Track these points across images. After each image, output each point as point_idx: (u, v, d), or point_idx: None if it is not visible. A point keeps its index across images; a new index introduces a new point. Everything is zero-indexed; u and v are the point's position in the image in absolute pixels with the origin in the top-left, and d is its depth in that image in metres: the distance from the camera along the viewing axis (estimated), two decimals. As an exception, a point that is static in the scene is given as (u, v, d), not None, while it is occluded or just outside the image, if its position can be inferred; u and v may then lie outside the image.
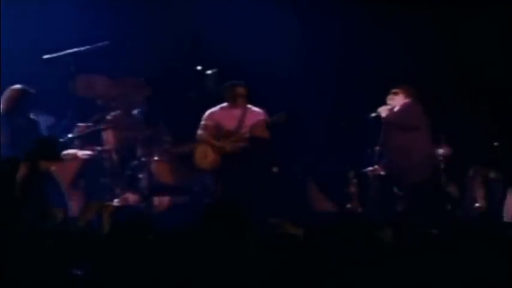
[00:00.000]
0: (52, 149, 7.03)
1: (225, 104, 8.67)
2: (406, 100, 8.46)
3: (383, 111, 8.47)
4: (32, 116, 7.88)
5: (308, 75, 9.60)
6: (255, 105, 8.61)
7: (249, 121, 8.47)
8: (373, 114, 8.53)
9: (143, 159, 8.92)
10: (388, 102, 8.52)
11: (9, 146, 7.58)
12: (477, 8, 9.34)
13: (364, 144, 8.95)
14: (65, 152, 8.13)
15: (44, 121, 8.21)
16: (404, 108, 8.46)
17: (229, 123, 8.58)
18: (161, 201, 8.84)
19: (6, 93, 7.82)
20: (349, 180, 8.90)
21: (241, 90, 8.57)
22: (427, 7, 9.39)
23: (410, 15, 9.39)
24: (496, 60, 9.27)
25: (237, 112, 8.58)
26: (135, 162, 8.96)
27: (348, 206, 8.85)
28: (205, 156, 8.58)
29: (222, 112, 8.65)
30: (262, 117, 8.57)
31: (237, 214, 6.10)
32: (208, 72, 9.20)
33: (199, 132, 8.64)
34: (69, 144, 8.23)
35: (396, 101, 8.50)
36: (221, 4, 9.58)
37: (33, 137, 7.57)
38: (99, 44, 8.63)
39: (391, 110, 8.50)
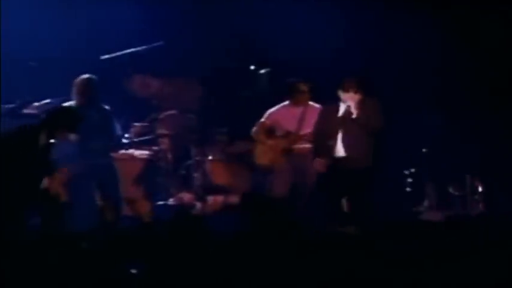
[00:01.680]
0: (71, 119, 6.84)
1: (286, 103, 8.71)
2: (361, 96, 7.84)
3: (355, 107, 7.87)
4: (105, 106, 7.90)
5: (361, 73, 9.73)
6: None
7: (311, 119, 8.44)
8: None
9: (197, 158, 9.13)
10: (344, 96, 7.83)
11: (82, 141, 7.54)
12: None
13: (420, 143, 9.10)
14: (122, 152, 8.47)
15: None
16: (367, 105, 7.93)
17: (289, 123, 8.63)
18: (215, 200, 9.00)
19: (75, 85, 7.82)
20: (405, 180, 9.06)
21: (303, 87, 8.60)
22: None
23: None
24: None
25: (297, 111, 8.60)
26: (190, 161, 9.16)
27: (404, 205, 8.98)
28: (264, 153, 8.70)
29: (282, 111, 8.70)
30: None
31: (285, 213, 6.29)
32: (262, 71, 9.33)
33: (254, 128, 8.74)
34: (129, 145, 8.52)
35: (351, 97, 7.81)
36: (274, 3, 9.73)
37: (106, 129, 7.71)
38: (154, 44, 8.83)
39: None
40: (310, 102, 8.66)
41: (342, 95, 7.78)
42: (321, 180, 7.84)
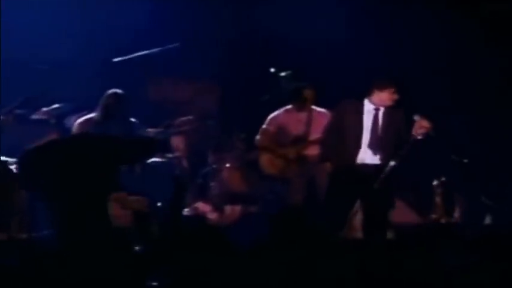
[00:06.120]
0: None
1: (289, 107, 8.92)
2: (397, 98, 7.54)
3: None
4: (131, 120, 8.11)
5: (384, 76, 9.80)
6: (330, 107, 8.57)
7: (317, 124, 8.61)
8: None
9: (215, 166, 9.25)
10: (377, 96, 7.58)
11: None
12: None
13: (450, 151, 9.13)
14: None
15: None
16: None
17: (296, 128, 8.83)
18: (233, 210, 9.11)
19: (102, 98, 8.08)
20: (434, 189, 9.09)
21: (309, 92, 8.83)
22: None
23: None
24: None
25: (302, 115, 8.82)
26: (207, 169, 9.29)
27: (433, 216, 9.06)
28: (272, 162, 8.91)
29: (286, 116, 8.92)
30: (329, 118, 8.46)
31: (304, 222, 6.40)
32: (282, 74, 9.41)
33: (257, 137, 8.92)
34: None
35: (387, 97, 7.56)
36: (295, 4, 9.91)
37: None
38: (170, 46, 8.90)
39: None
40: (313, 106, 8.81)
41: (377, 94, 7.52)
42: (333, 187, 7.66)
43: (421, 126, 7.45)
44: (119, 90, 8.11)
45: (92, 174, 6.66)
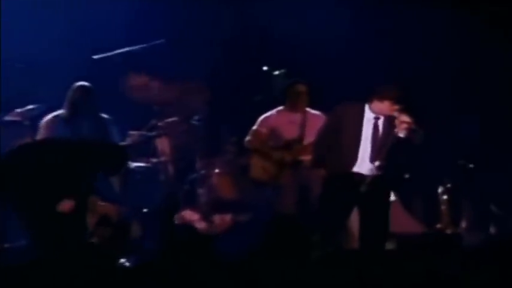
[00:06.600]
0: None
1: (281, 108, 8.76)
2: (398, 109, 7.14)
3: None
4: (102, 115, 8.04)
5: (382, 78, 9.28)
6: (326, 109, 8.43)
7: (311, 127, 8.41)
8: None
9: (203, 171, 9.10)
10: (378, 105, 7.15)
11: None
12: None
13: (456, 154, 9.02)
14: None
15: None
16: None
17: (290, 130, 8.65)
18: (223, 219, 8.95)
19: (68, 93, 8.00)
20: (439, 197, 8.94)
21: (302, 87, 8.64)
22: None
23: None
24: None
25: (296, 117, 8.65)
26: (194, 175, 9.14)
27: (438, 226, 8.92)
28: (263, 167, 8.69)
29: (279, 117, 8.75)
30: (324, 121, 8.39)
31: (299, 232, 6.14)
32: (276, 72, 9.32)
33: (247, 138, 8.75)
34: None
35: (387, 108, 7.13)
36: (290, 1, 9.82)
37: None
38: (155, 42, 8.80)
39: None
40: (308, 109, 8.66)
41: (376, 103, 7.07)
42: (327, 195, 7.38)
43: (401, 121, 6.96)
44: (86, 83, 8.08)
45: (63, 180, 6.72)
